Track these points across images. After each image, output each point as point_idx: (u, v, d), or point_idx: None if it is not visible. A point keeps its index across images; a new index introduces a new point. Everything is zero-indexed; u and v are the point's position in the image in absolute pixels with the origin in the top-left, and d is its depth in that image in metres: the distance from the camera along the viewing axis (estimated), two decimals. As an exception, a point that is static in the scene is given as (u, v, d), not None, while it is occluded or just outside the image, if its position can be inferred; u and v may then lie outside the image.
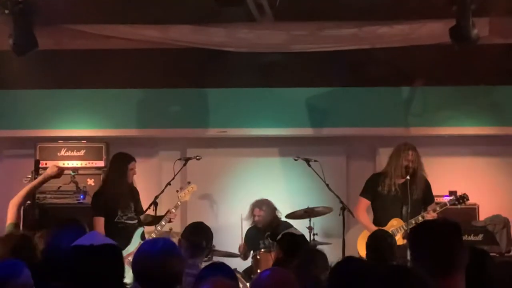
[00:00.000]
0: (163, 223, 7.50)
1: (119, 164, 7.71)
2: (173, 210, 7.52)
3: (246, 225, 8.50)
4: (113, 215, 7.48)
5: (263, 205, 8.36)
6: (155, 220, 7.62)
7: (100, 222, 7.41)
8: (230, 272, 4.21)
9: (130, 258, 7.09)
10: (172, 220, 7.53)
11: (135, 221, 7.55)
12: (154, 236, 7.30)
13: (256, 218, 8.35)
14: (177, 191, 7.74)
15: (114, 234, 7.26)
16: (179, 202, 7.68)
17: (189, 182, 7.89)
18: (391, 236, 6.40)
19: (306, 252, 5.43)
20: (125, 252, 7.11)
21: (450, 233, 3.16)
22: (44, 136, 8.89)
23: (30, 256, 4.49)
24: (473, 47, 7.40)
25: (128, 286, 3.42)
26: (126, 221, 7.51)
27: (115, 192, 7.52)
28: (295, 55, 8.47)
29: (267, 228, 8.20)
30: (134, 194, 7.79)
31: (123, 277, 3.19)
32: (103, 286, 3.03)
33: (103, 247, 3.15)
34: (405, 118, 8.87)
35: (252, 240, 8.27)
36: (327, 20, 8.16)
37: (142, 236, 7.48)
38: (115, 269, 3.12)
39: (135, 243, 7.30)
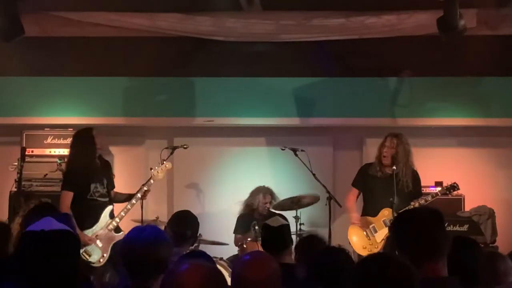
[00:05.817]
0: (134, 201, 7.32)
1: (81, 137, 7.41)
2: (145, 188, 7.37)
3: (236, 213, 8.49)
4: (86, 191, 7.21)
5: (273, 195, 8.36)
6: (127, 198, 7.49)
7: (67, 197, 7.15)
8: (208, 259, 4.22)
9: (98, 240, 7.02)
10: (144, 197, 7.34)
11: (107, 199, 7.32)
12: (124, 214, 7.21)
13: (267, 205, 8.28)
14: (151, 168, 7.59)
15: (85, 211, 7.18)
16: (151, 180, 7.49)
17: (163, 161, 7.72)
18: None
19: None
20: (91, 232, 7.13)
21: (432, 220, 3.18)
22: (31, 123, 8.84)
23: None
24: (460, 38, 7.41)
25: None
26: (98, 198, 7.26)
27: (85, 166, 7.22)
28: (282, 44, 8.45)
29: (260, 216, 8.14)
30: (106, 166, 7.48)
31: (76, 264, 3.03)
32: (53, 273, 2.88)
33: (54, 233, 3.00)
34: (392, 108, 8.88)
35: (245, 227, 8.17)
36: (315, 10, 8.15)
37: (111, 214, 7.27)
38: (66, 255, 2.95)
39: (102, 221, 7.18)
